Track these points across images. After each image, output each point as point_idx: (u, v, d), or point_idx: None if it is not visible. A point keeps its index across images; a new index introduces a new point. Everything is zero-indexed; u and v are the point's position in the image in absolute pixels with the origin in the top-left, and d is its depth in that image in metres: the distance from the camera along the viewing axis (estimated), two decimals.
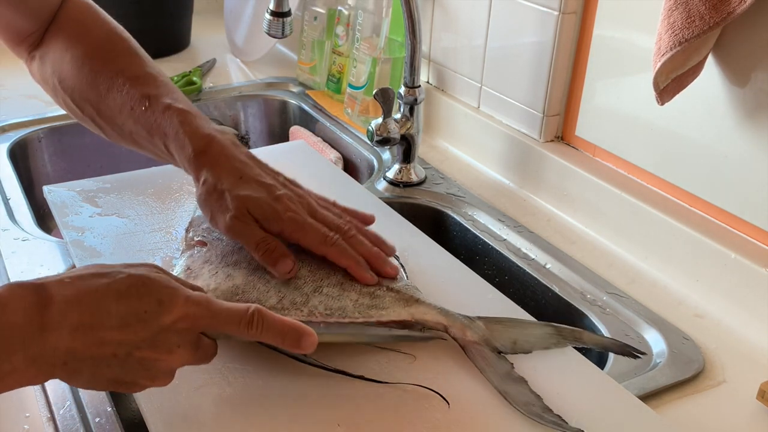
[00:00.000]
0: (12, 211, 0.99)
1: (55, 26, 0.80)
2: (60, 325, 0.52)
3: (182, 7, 1.58)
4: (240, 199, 0.70)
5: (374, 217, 0.79)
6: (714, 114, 0.82)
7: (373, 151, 1.19)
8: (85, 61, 0.77)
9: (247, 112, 1.45)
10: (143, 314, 0.54)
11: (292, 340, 0.58)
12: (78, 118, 0.81)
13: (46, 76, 0.81)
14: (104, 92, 0.76)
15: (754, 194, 0.80)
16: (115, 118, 0.77)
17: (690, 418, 0.70)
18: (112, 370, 0.54)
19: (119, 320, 0.53)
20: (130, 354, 0.54)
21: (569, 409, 0.62)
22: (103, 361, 0.54)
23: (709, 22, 0.72)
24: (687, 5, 0.73)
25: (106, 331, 0.53)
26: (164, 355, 0.55)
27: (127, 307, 0.54)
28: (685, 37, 0.74)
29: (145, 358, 0.55)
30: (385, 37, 1.23)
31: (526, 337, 0.69)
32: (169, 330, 0.55)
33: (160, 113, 0.74)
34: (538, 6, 0.99)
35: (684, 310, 0.84)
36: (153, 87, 0.76)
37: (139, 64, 0.78)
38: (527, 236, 0.96)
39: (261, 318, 0.57)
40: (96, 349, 0.53)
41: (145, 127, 0.74)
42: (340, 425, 0.60)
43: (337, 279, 0.71)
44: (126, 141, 0.79)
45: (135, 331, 0.54)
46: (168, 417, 0.61)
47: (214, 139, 0.73)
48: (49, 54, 0.80)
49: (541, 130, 1.04)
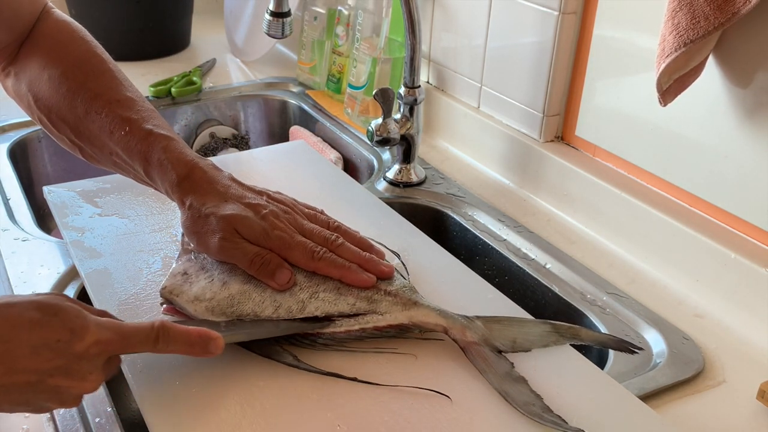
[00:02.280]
0: (12, 211, 0.99)
1: (30, 42, 0.78)
2: None
3: (182, 7, 1.58)
4: (226, 219, 0.70)
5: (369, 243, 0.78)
6: (714, 114, 0.82)
7: (373, 151, 1.19)
8: (63, 81, 0.75)
9: (247, 112, 1.45)
10: (55, 343, 0.55)
11: (201, 348, 0.61)
12: (54, 136, 0.79)
13: (21, 93, 0.79)
14: (82, 114, 0.75)
15: (754, 194, 0.80)
16: (93, 140, 0.75)
17: (690, 418, 0.70)
18: (23, 395, 0.55)
19: (31, 349, 0.54)
20: (43, 381, 0.55)
21: (569, 408, 0.62)
22: (15, 388, 0.54)
23: (714, 22, 0.72)
24: (692, 6, 0.73)
25: (18, 360, 0.54)
26: (77, 382, 0.56)
27: (38, 336, 0.54)
28: (690, 38, 0.74)
29: (58, 386, 0.56)
30: (385, 37, 1.23)
31: (525, 335, 0.69)
32: (82, 357, 0.56)
33: (142, 139, 0.73)
34: (538, 6, 0.99)
35: (684, 310, 0.84)
36: (133, 111, 0.75)
37: (118, 86, 0.77)
38: (527, 236, 0.96)
39: (166, 332, 0.59)
40: (9, 378, 0.54)
41: (125, 152, 0.73)
42: (340, 425, 0.60)
43: (333, 284, 0.70)
44: (104, 163, 0.77)
45: (48, 359, 0.54)
46: (168, 417, 0.61)
47: (196, 165, 0.73)
48: (25, 71, 0.78)
49: (541, 130, 1.04)
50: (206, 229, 0.70)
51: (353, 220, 0.80)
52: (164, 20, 1.54)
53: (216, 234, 0.69)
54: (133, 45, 1.53)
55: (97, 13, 1.49)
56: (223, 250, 0.69)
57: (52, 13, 0.80)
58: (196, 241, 0.71)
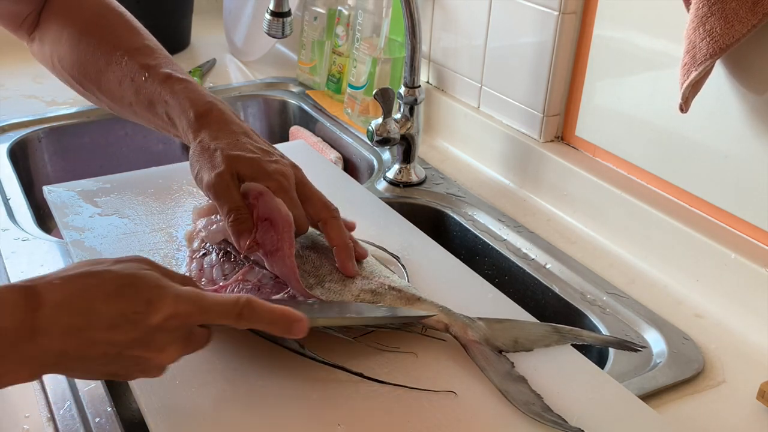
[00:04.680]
0: (12, 211, 0.99)
1: (48, 8, 0.82)
2: (50, 328, 0.52)
3: (182, 7, 1.58)
4: (231, 158, 0.70)
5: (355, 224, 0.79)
6: (714, 114, 0.82)
7: (373, 151, 1.19)
8: (81, 38, 0.79)
9: (247, 112, 1.45)
10: (132, 315, 0.54)
11: (283, 327, 0.59)
12: (81, 94, 0.83)
13: (45, 56, 0.82)
14: (103, 66, 0.78)
15: (754, 194, 0.80)
16: (114, 91, 0.78)
17: (690, 418, 0.70)
18: (105, 367, 0.55)
19: (109, 321, 0.54)
20: (121, 353, 0.55)
21: (569, 408, 0.62)
22: (95, 360, 0.54)
23: (747, 24, 0.71)
24: (724, 11, 0.72)
25: (96, 332, 0.53)
26: (155, 353, 0.56)
27: (116, 308, 0.54)
28: (727, 42, 0.72)
29: (136, 357, 0.55)
30: (385, 37, 1.23)
31: (527, 335, 0.69)
32: (159, 329, 0.55)
33: (161, 82, 0.75)
34: (538, 6, 0.99)
35: (684, 310, 0.84)
36: (152, 58, 0.78)
37: (135, 36, 0.80)
38: (527, 236, 0.96)
39: (251, 309, 0.58)
40: (87, 350, 0.54)
41: (147, 97, 0.76)
42: (340, 425, 0.60)
43: (339, 275, 0.71)
44: (127, 113, 0.80)
45: (125, 331, 0.54)
46: (168, 417, 0.61)
47: (215, 105, 0.75)
48: (46, 35, 0.82)
49: (541, 130, 1.04)
50: (209, 164, 0.71)
51: (353, 219, 0.80)
52: (164, 20, 1.54)
53: (216, 169, 0.70)
54: None
55: None
56: (213, 186, 0.70)
57: None
58: (196, 171, 0.72)
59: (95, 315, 0.54)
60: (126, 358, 0.55)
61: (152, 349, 0.55)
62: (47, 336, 0.52)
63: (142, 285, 0.55)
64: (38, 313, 0.52)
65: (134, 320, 0.54)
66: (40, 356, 0.53)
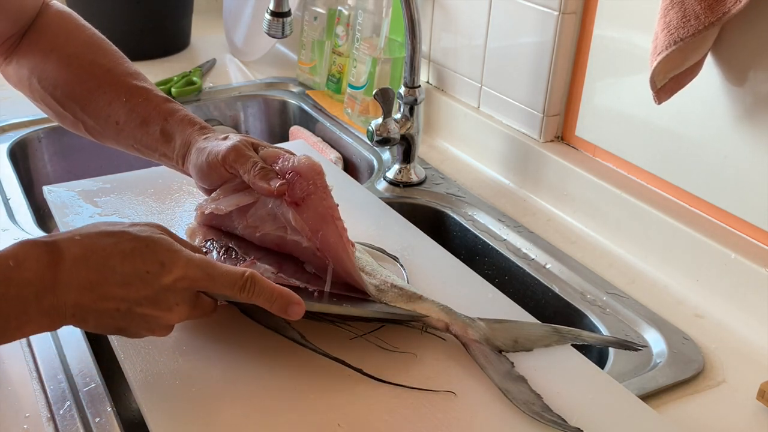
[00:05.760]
0: (12, 211, 0.99)
1: (34, 31, 0.84)
2: (69, 282, 0.57)
3: (182, 7, 1.58)
4: (246, 138, 0.75)
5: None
6: (714, 114, 0.82)
7: (373, 151, 1.19)
8: (73, 59, 0.82)
9: (247, 112, 1.45)
10: (145, 274, 0.59)
11: (281, 306, 0.63)
12: (53, 114, 0.84)
13: (22, 77, 0.84)
14: (94, 87, 0.81)
15: (754, 194, 0.80)
16: (101, 110, 0.80)
17: (690, 418, 0.70)
18: (115, 321, 0.60)
19: (122, 278, 0.58)
20: (131, 309, 0.59)
21: (569, 408, 0.62)
22: (107, 313, 0.59)
23: (704, 21, 0.72)
24: (683, 5, 0.73)
25: (110, 288, 0.58)
26: (163, 312, 0.60)
27: (131, 266, 0.59)
28: (680, 36, 0.74)
29: (145, 314, 0.60)
30: (385, 37, 1.23)
31: (527, 335, 0.69)
32: (169, 289, 0.60)
33: (162, 102, 0.79)
34: (538, 6, 0.99)
35: (684, 310, 0.84)
36: (147, 82, 0.82)
37: (126, 62, 0.84)
38: (527, 236, 0.96)
39: (254, 283, 0.62)
40: (100, 304, 0.58)
41: (140, 116, 0.79)
42: (341, 425, 0.60)
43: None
44: (109, 132, 0.82)
45: (137, 289, 0.59)
46: (168, 416, 0.61)
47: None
48: (28, 57, 0.83)
49: (541, 130, 1.04)
50: (221, 141, 0.75)
51: (353, 220, 0.80)
52: (164, 20, 1.54)
53: (232, 140, 0.74)
54: (133, 45, 1.52)
55: (97, 13, 1.49)
56: (234, 148, 0.73)
57: (53, 5, 0.86)
58: (206, 153, 0.74)
59: (110, 271, 0.58)
60: (136, 315, 0.59)
61: (161, 307, 0.60)
62: (66, 288, 0.57)
63: (156, 247, 0.60)
64: (59, 267, 0.57)
65: (146, 279, 0.59)
66: (59, 307, 0.57)
